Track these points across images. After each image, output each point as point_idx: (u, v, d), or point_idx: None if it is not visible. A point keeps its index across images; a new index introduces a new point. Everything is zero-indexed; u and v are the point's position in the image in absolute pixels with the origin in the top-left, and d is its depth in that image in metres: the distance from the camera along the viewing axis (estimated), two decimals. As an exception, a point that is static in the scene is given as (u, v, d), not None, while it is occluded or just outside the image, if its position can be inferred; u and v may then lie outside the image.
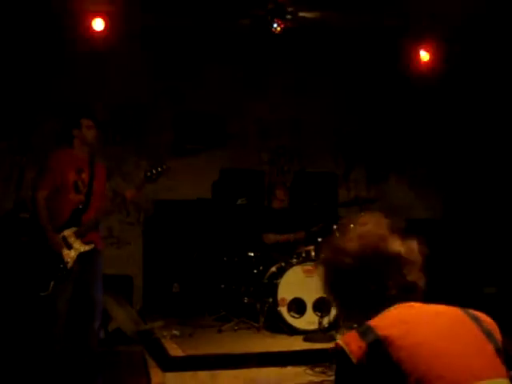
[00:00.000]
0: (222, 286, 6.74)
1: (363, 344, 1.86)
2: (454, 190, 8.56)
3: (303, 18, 6.67)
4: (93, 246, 4.67)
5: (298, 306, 6.05)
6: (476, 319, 2.02)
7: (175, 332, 5.85)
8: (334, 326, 5.90)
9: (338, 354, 1.93)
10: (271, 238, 6.72)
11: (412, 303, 2.07)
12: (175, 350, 5.27)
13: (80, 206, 4.63)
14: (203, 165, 7.86)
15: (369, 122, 8.47)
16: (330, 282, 2.18)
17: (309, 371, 5.06)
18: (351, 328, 2.05)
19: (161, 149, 7.66)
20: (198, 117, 7.88)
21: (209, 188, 7.87)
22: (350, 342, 1.90)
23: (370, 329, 1.90)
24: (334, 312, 5.87)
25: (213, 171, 7.89)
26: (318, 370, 5.07)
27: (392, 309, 2.04)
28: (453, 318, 2.01)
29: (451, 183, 8.49)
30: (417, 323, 1.93)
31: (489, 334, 1.98)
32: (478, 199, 8.33)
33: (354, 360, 1.87)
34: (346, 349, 1.88)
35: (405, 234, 2.13)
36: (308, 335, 5.80)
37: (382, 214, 2.16)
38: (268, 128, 8.20)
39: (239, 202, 6.64)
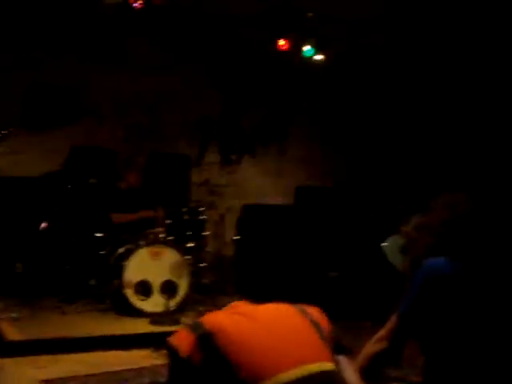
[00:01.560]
0: (68, 266, 6.55)
1: (192, 339, 1.90)
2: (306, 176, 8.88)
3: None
4: None
5: (144, 289, 5.99)
6: (304, 312, 2.13)
7: (13, 314, 5.60)
8: (181, 308, 5.94)
9: (169, 349, 1.96)
10: (119, 217, 6.58)
11: (246, 301, 2.14)
12: (13, 334, 5.05)
13: None
14: (54, 141, 7.57)
15: (225, 104, 8.56)
16: None
17: (154, 354, 5.06)
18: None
19: (8, 123, 7.29)
20: (50, 90, 7.56)
21: (59, 165, 7.59)
22: (180, 337, 1.95)
23: (199, 324, 1.95)
24: (180, 294, 5.90)
25: (64, 148, 7.61)
26: (163, 352, 5.08)
27: (227, 306, 2.10)
28: (281, 311, 2.12)
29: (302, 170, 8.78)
30: (247, 317, 2.00)
31: (316, 325, 2.10)
32: (327, 187, 8.68)
33: (183, 354, 1.90)
34: (175, 344, 1.92)
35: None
36: (154, 318, 5.78)
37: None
38: (124, 105, 8.02)
39: (91, 181, 6.47)
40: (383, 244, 5.97)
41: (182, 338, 1.94)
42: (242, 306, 2.14)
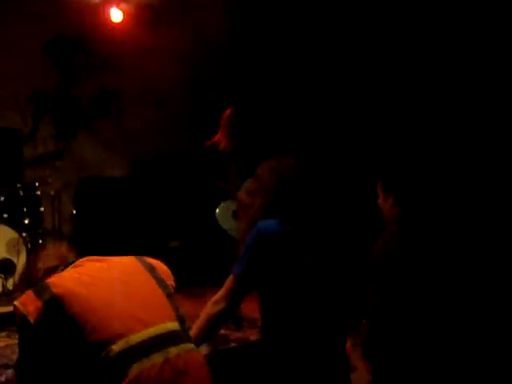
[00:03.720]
0: None
1: (40, 303, 1.90)
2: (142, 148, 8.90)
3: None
4: None
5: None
6: (150, 267, 2.20)
7: None
8: (19, 287, 5.80)
9: (17, 315, 1.95)
10: None
11: (91, 257, 2.16)
12: None
13: None
14: None
15: (60, 76, 8.33)
16: None
17: (-9, 335, 4.97)
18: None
19: None
20: None
21: None
22: (27, 302, 1.93)
23: (45, 287, 1.95)
24: (18, 273, 5.77)
25: None
26: (2, 334, 4.99)
27: (71, 265, 2.12)
28: (127, 268, 2.16)
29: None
30: (92, 277, 2.03)
31: (161, 282, 2.17)
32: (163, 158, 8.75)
33: (32, 320, 1.90)
34: (23, 309, 1.91)
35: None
36: (-10, 299, 5.63)
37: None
38: None
39: None
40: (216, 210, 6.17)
41: (30, 303, 1.93)
42: (88, 265, 2.14)
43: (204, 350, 3.84)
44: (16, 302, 1.98)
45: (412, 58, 6.85)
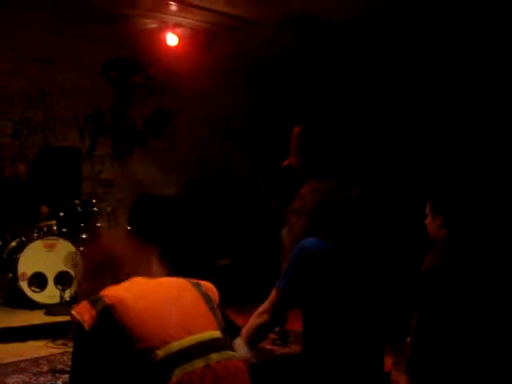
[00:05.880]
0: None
1: (94, 312, 2.08)
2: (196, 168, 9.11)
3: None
4: None
5: (38, 281, 6.04)
6: (196, 284, 2.36)
7: None
8: (75, 298, 6.02)
9: (73, 322, 2.13)
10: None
11: (141, 277, 2.34)
12: None
13: None
14: None
15: (116, 96, 8.62)
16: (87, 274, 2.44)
17: (50, 344, 5.17)
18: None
19: None
20: None
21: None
22: (83, 311, 2.11)
23: (99, 298, 2.13)
24: (75, 285, 5.99)
25: None
26: (59, 342, 5.19)
27: (124, 282, 2.30)
28: (174, 284, 2.33)
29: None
30: (141, 292, 2.20)
31: (206, 296, 2.33)
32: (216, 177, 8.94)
33: (87, 327, 2.08)
34: (79, 318, 2.09)
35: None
36: (49, 309, 5.85)
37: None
38: (11, 98, 7.89)
39: None
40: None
41: (85, 312, 2.10)
42: (139, 280, 2.31)
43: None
44: (73, 311, 2.15)
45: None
